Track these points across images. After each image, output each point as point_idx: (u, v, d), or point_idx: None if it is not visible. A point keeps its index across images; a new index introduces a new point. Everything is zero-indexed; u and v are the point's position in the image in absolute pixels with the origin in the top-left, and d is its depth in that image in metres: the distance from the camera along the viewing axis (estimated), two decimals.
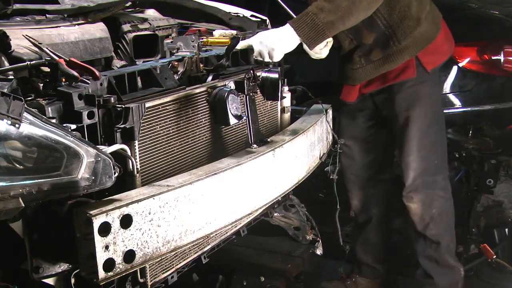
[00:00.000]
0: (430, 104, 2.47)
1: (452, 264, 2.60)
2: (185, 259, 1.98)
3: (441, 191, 2.53)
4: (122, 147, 1.64)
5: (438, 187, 2.52)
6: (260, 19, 2.90)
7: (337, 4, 2.00)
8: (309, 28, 2.02)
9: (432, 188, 2.50)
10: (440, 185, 2.53)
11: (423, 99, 2.44)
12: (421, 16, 2.34)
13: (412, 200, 2.51)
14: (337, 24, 2.05)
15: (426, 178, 2.49)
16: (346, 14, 2.03)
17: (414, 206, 2.51)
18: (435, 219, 2.52)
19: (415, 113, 2.43)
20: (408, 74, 2.40)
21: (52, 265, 1.55)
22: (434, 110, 2.50)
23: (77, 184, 1.43)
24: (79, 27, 2.10)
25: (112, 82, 1.72)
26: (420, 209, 2.50)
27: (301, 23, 2.03)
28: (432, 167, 2.50)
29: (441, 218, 2.54)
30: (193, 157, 2.02)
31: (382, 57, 2.39)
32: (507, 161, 3.32)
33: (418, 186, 2.49)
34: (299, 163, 2.17)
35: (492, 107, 3.57)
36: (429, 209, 2.51)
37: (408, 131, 2.45)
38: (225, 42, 2.26)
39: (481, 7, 3.81)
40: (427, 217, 2.51)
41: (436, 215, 2.52)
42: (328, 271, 3.14)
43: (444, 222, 2.56)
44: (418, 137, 2.45)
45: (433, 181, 2.50)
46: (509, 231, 3.20)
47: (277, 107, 2.55)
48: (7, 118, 1.27)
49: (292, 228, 2.91)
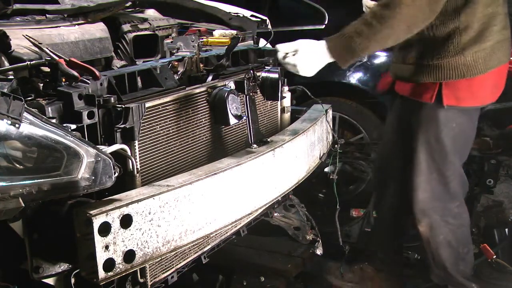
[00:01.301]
0: (448, 133, 2.30)
1: (462, 282, 2.52)
2: (185, 259, 1.98)
3: (452, 219, 2.42)
4: (122, 147, 1.64)
5: (448, 214, 2.41)
6: (260, 19, 2.90)
7: (376, 30, 1.95)
8: (344, 50, 2.00)
9: (442, 215, 2.40)
10: (452, 212, 2.42)
11: (438, 125, 2.29)
12: (466, 48, 2.16)
13: (420, 224, 2.43)
14: (373, 49, 2.04)
15: (435, 204, 2.39)
16: (384, 40, 1.99)
17: (422, 230, 2.44)
18: (442, 246, 2.44)
19: (429, 136, 2.32)
20: (425, 98, 2.27)
21: (52, 265, 1.55)
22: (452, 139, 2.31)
23: (77, 184, 1.43)
24: (79, 27, 2.10)
25: (112, 82, 1.72)
26: (427, 233, 2.43)
27: (337, 43, 2.00)
28: (443, 193, 2.38)
29: (449, 246, 2.45)
30: (193, 157, 2.02)
31: (412, 63, 2.28)
32: (507, 161, 3.31)
33: (426, 210, 2.40)
34: (299, 163, 2.17)
35: (492, 107, 3.56)
36: (437, 235, 2.42)
37: (419, 154, 2.35)
38: (225, 42, 2.26)
39: None
40: (434, 242, 2.44)
41: (443, 243, 2.43)
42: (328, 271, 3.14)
43: (453, 249, 2.46)
44: (428, 161, 2.33)
45: (443, 207, 2.40)
46: (509, 231, 3.20)
47: (277, 107, 2.55)
48: (7, 118, 1.27)
49: (292, 228, 2.91)
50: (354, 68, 3.78)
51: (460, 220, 2.46)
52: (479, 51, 2.17)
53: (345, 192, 3.83)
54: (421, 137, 2.34)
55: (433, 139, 2.32)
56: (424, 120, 2.32)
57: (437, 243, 2.44)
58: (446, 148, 2.32)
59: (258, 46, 2.62)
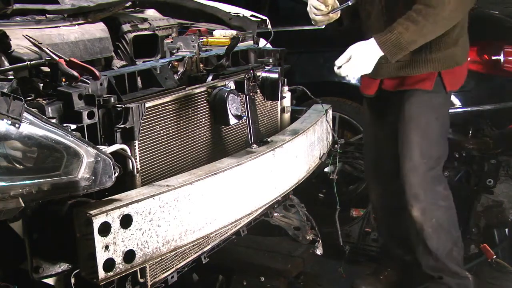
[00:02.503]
0: (439, 116, 2.50)
1: (456, 271, 2.59)
2: (185, 259, 1.98)
3: (442, 201, 2.53)
4: (122, 147, 1.64)
5: (439, 197, 2.52)
6: (260, 19, 2.90)
7: (422, 25, 2.18)
8: (393, 45, 2.20)
9: (433, 198, 2.50)
10: (442, 194, 2.54)
11: (433, 110, 2.46)
12: (459, 39, 2.43)
13: (413, 209, 2.50)
14: (420, 42, 2.24)
15: (426, 188, 2.49)
16: (429, 33, 2.24)
17: (415, 215, 2.51)
18: (435, 229, 2.51)
19: (423, 121, 2.45)
20: (426, 86, 2.44)
21: (52, 265, 1.55)
22: (441, 122, 2.52)
23: (77, 184, 1.43)
24: (79, 27, 2.10)
25: (112, 82, 1.72)
26: (420, 218, 2.50)
27: (386, 39, 2.20)
28: (434, 178, 2.50)
29: (441, 228, 2.53)
30: (193, 157, 2.03)
31: (409, 60, 2.42)
32: (507, 161, 3.32)
33: (418, 194, 2.49)
34: (299, 163, 2.17)
35: (492, 107, 3.57)
36: (429, 218, 2.50)
37: (412, 138, 2.46)
38: (225, 42, 2.26)
39: (481, 7, 3.81)
40: (427, 226, 2.51)
41: (436, 225, 2.51)
42: (328, 271, 3.14)
43: (444, 231, 2.55)
44: (423, 146, 2.46)
45: (434, 191, 2.51)
46: (509, 231, 3.20)
47: (277, 107, 2.55)
48: (7, 118, 1.27)
49: (292, 228, 2.91)
50: None
51: (448, 202, 2.57)
52: (464, 41, 2.48)
53: (345, 192, 3.83)
54: (414, 123, 2.47)
55: (426, 123, 2.47)
56: (420, 106, 2.46)
57: (430, 227, 2.52)
58: (436, 131, 2.50)
59: (258, 46, 2.62)
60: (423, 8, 2.18)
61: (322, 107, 2.53)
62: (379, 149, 2.76)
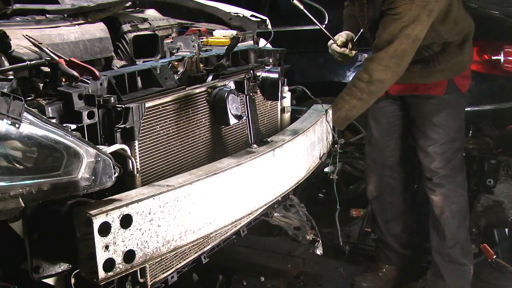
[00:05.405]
0: (457, 113, 2.72)
1: (463, 262, 2.74)
2: (185, 259, 1.98)
3: (461, 189, 2.74)
4: (122, 147, 1.64)
5: (459, 185, 2.74)
6: (260, 19, 2.90)
7: (368, 101, 2.48)
8: (345, 119, 2.52)
9: (454, 185, 2.71)
10: (462, 184, 2.76)
11: (451, 108, 2.68)
12: (464, 45, 2.61)
13: (435, 193, 2.69)
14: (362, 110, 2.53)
15: (449, 175, 2.70)
16: (374, 100, 2.53)
17: (436, 199, 2.70)
18: (454, 214, 2.69)
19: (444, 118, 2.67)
20: (437, 92, 2.65)
21: (52, 265, 1.55)
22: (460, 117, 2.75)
23: (77, 184, 1.43)
24: (79, 27, 2.10)
25: (112, 82, 1.72)
26: (442, 202, 2.68)
27: (338, 117, 2.51)
28: (455, 168, 2.72)
29: (459, 214, 2.72)
30: (193, 157, 2.02)
31: (419, 70, 2.60)
32: (507, 161, 3.32)
33: (441, 180, 2.69)
34: (299, 163, 2.17)
35: (492, 107, 3.57)
36: (450, 203, 2.69)
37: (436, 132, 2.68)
38: (225, 42, 2.26)
39: (481, 7, 3.81)
40: (447, 211, 2.68)
41: (455, 211, 2.69)
42: (328, 271, 3.14)
43: (461, 219, 2.73)
44: (446, 139, 2.67)
45: (455, 179, 2.72)
46: (509, 231, 3.21)
47: (277, 107, 2.55)
48: (7, 118, 1.26)
49: (292, 228, 2.91)
50: (354, 68, 3.78)
51: (465, 191, 2.79)
52: (470, 44, 2.66)
53: (345, 192, 3.83)
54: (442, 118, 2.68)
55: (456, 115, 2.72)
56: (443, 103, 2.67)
57: (449, 211, 2.69)
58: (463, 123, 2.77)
59: (258, 46, 2.62)
60: (365, 86, 2.42)
61: (322, 107, 2.53)
62: (380, 146, 2.93)
